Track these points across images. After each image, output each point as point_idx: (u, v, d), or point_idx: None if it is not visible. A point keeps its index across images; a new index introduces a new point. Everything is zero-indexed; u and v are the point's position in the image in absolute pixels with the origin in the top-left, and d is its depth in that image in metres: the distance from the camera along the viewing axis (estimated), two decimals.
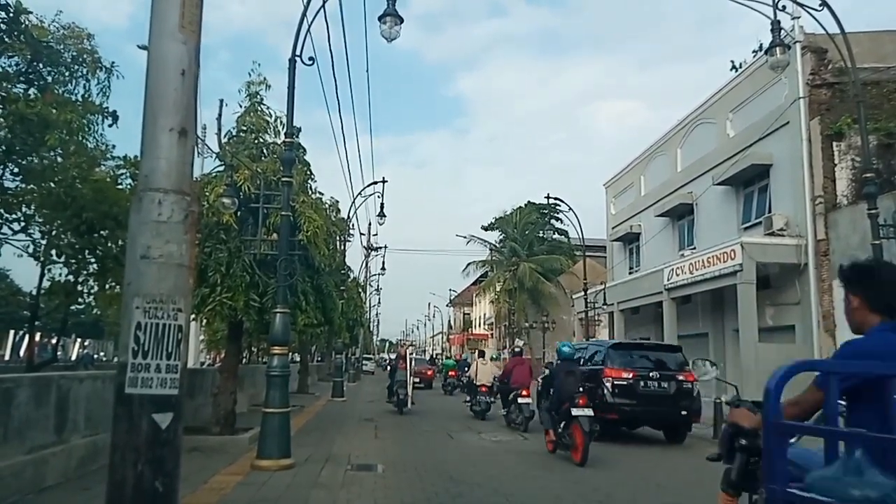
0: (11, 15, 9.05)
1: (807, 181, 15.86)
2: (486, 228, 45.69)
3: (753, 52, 24.44)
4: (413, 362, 18.65)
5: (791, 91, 16.36)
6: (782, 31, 10.05)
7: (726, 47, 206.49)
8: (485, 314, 58.65)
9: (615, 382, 11.40)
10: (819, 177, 15.72)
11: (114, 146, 11.26)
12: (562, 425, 9.52)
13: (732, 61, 24.79)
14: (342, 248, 18.62)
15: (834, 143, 15.62)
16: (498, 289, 40.99)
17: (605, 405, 10.95)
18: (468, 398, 15.75)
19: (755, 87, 18.04)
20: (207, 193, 9.44)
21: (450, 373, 27.72)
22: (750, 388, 15.11)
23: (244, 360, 21.79)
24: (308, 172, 11.08)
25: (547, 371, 12.14)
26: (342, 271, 18.31)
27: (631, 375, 11.50)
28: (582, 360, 12.24)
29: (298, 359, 26.09)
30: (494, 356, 23.42)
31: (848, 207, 14.95)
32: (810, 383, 2.45)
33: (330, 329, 13.85)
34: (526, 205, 43.04)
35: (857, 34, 12.32)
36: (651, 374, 11.61)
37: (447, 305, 71.88)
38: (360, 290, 28.52)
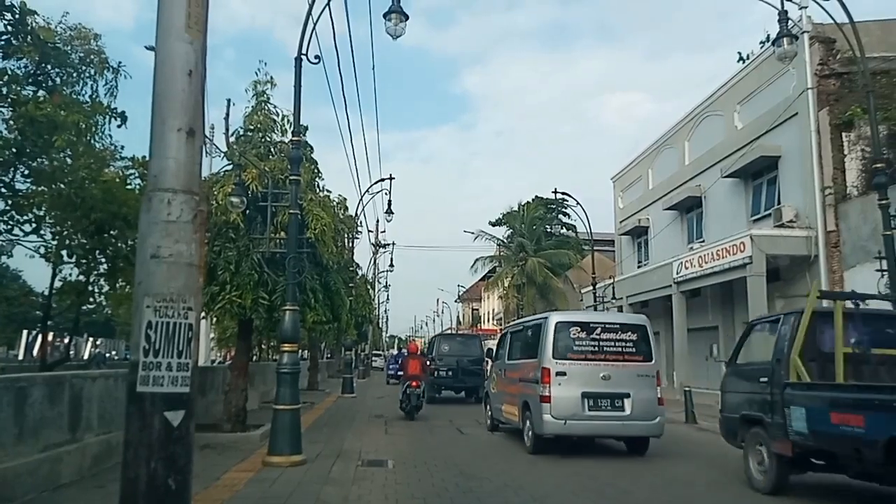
0: (17, 17, 9.08)
1: (816, 172, 15.72)
2: (493, 224, 45.63)
3: (761, 43, 24.24)
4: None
5: (799, 82, 16.22)
6: (790, 22, 9.96)
7: (733, 38, 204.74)
8: (493, 309, 58.61)
9: (438, 363, 19.49)
10: (828, 168, 15.59)
11: (122, 147, 11.35)
12: None
13: (739, 53, 24.60)
14: (350, 245, 18.67)
15: (843, 134, 15.48)
16: (506, 284, 40.88)
17: (431, 373, 18.11)
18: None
19: (763, 78, 17.89)
20: (216, 193, 9.50)
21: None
22: None
23: (254, 358, 21.90)
24: (315, 170, 11.12)
25: None
26: (350, 268, 18.37)
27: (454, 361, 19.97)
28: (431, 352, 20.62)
29: (308, 356, 26.20)
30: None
31: (858, 198, 14.82)
32: None
33: (339, 326, 13.89)
34: (533, 200, 42.92)
35: (866, 23, 12.19)
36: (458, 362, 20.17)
37: (456, 301, 71.83)
38: (369, 286, 28.60)
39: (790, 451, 6.44)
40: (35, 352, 35.44)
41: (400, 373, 19.85)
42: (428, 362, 16.54)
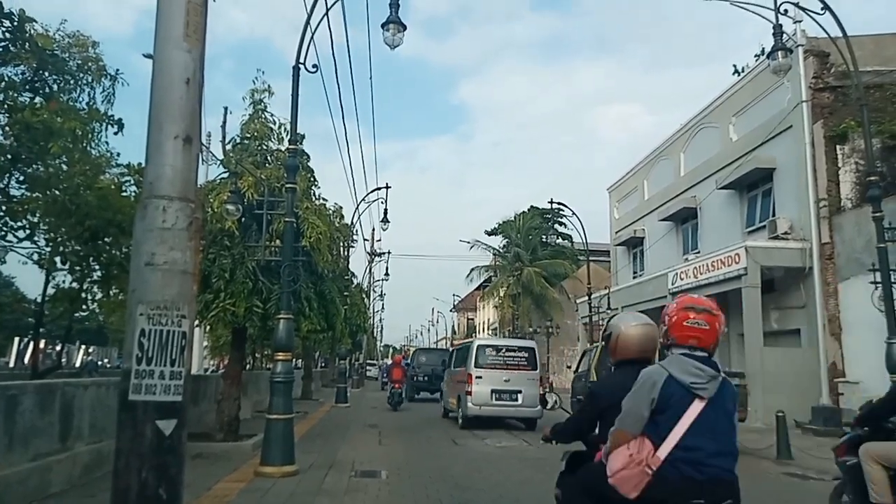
0: (16, 24, 9.07)
1: (811, 184, 15.83)
2: (489, 233, 45.64)
3: (756, 56, 24.40)
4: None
5: (794, 95, 16.34)
6: (784, 36, 10.05)
7: (729, 51, 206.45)
8: (489, 319, 58.51)
9: (417, 370, 25.47)
10: (823, 180, 15.69)
11: (118, 154, 11.25)
12: None
13: (735, 65, 24.73)
14: (346, 253, 18.60)
15: (837, 147, 15.60)
16: (502, 294, 40.91)
17: (411, 378, 24.10)
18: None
19: (758, 91, 18.03)
20: (211, 200, 9.48)
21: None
22: (756, 392, 15.15)
23: (248, 367, 21.79)
24: (312, 179, 11.11)
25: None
26: (346, 277, 18.27)
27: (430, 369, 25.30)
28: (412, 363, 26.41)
29: (302, 365, 26.07)
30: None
31: (852, 210, 14.91)
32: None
33: (333, 335, 13.90)
34: (529, 209, 43.00)
35: (860, 37, 12.31)
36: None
37: (451, 311, 71.81)
38: (364, 295, 28.48)
39: None
40: (26, 359, 35.21)
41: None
42: (407, 370, 22.50)
